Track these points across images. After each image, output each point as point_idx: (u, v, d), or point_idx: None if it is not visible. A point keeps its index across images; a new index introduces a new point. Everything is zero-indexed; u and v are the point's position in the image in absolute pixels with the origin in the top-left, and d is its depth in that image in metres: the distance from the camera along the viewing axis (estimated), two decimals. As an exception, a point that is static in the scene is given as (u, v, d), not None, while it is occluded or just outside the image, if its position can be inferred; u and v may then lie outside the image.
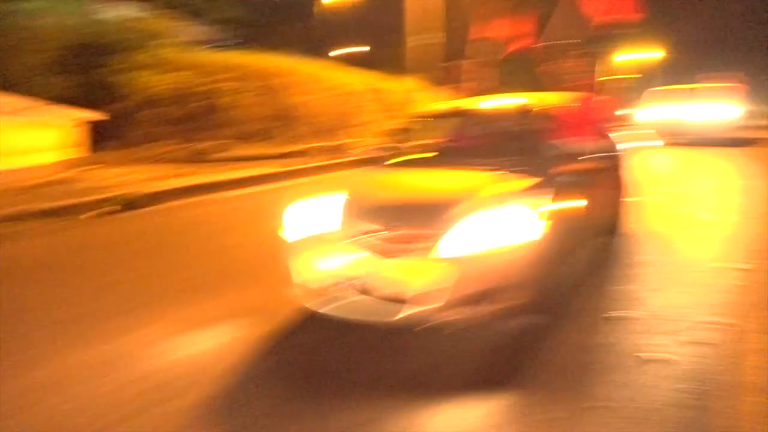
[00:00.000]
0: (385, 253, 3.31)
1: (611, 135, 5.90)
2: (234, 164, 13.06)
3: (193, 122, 14.76)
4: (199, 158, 13.65)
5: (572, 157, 4.20)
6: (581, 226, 4.38)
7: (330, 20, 35.04)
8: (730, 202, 8.17)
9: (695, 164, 13.10)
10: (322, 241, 3.61)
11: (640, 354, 3.37)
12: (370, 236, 3.39)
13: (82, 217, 7.76)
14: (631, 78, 45.70)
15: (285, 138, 16.47)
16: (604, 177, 5.14)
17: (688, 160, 13.75)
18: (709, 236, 6.18)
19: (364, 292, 3.29)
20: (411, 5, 14.79)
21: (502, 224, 3.30)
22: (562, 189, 3.91)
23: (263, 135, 16.10)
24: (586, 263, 4.70)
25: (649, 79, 46.21)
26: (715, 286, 4.56)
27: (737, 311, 4.01)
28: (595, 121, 4.48)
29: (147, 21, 14.22)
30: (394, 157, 4.83)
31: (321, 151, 14.08)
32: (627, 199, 5.98)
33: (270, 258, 4.28)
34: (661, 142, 6.36)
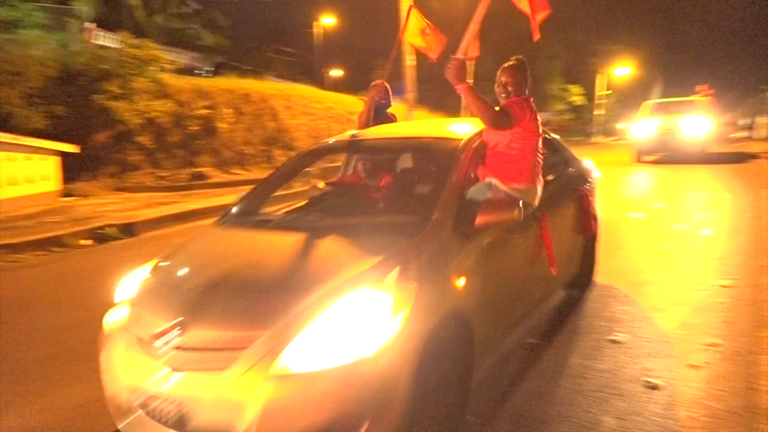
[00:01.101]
0: (197, 365, 2.26)
1: (576, 163, 4.79)
2: (219, 191, 12.89)
3: (182, 149, 14.64)
4: (186, 185, 13.47)
5: (493, 205, 2.96)
6: (514, 296, 3.39)
7: (324, 45, 35.38)
8: (713, 216, 8.10)
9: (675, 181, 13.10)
10: (128, 334, 2.57)
11: (647, 378, 3.21)
12: (177, 336, 2.32)
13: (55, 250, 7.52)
14: (611, 95, 46.57)
15: (274, 162, 16.38)
16: (555, 220, 3.87)
17: (666, 179, 13.77)
18: (705, 252, 6.08)
19: (179, 421, 2.25)
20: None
21: (358, 322, 2.25)
22: (469, 255, 2.83)
23: (252, 160, 15.99)
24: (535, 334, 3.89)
25: (626, 97, 47.31)
26: (719, 305, 4.43)
27: (745, 332, 3.87)
28: (528, 151, 3.32)
29: (132, 50, 14.14)
30: (250, 210, 3.62)
31: (309, 175, 13.94)
32: (598, 235, 4.90)
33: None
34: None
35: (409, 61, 14.40)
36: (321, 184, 4.27)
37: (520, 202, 2.99)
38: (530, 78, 3.48)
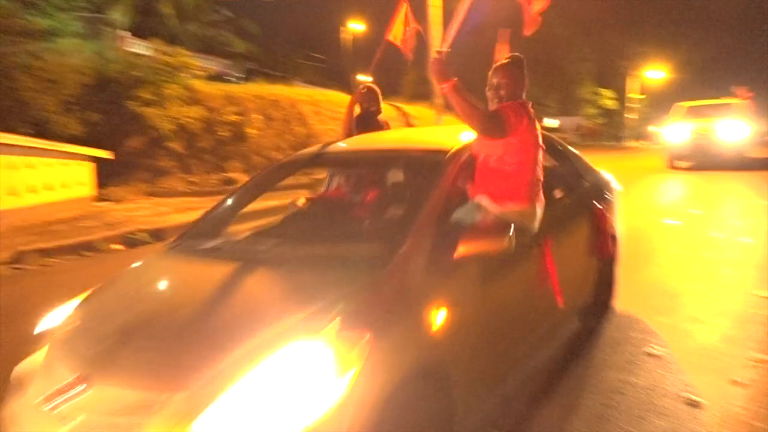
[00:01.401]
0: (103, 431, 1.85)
1: (592, 175, 4.24)
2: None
3: (212, 154, 14.81)
4: (216, 191, 13.60)
5: (478, 232, 2.51)
6: (509, 337, 2.89)
7: (350, 50, 35.56)
8: (752, 224, 7.82)
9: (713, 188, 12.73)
10: (33, 389, 2.14)
11: (687, 395, 3.07)
12: (80, 394, 1.94)
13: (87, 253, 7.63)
14: (638, 98, 45.70)
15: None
16: (563, 242, 3.36)
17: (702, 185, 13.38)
18: (744, 261, 5.85)
19: None
20: (434, 30, 14.65)
21: (292, 385, 1.83)
22: (448, 293, 2.39)
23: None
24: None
25: (658, 99, 46.34)
26: (762, 317, 4.24)
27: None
28: (524, 166, 2.83)
29: (164, 57, 14.41)
30: (211, 231, 3.17)
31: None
32: (617, 256, 4.29)
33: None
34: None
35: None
36: (301, 200, 3.86)
37: (512, 228, 2.48)
38: (527, 79, 2.99)
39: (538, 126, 2.91)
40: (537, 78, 38.36)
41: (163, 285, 2.75)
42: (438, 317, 2.26)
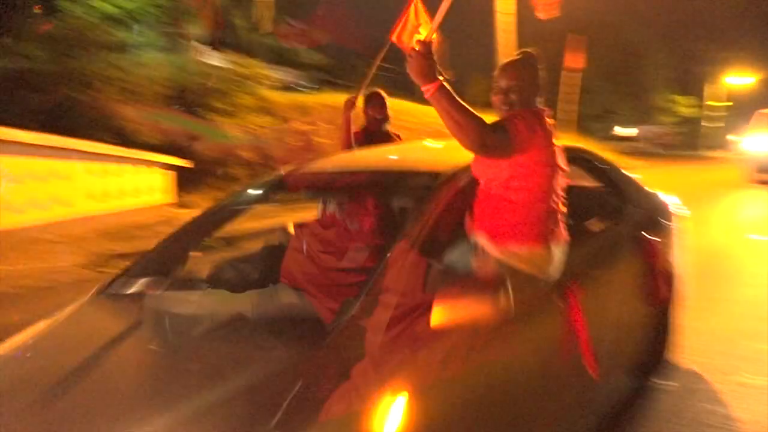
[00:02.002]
0: None
1: (644, 200, 3.45)
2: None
3: (282, 163, 15.13)
4: (286, 199, 13.89)
5: (460, 289, 1.78)
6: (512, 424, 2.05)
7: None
8: None
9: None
10: None
11: (787, 432, 2.82)
12: None
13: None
14: (721, 106, 43.46)
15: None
16: (599, 289, 2.63)
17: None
18: None
19: None
20: (502, 39, 14.45)
21: None
22: (410, 377, 1.63)
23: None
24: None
25: (741, 107, 43.87)
26: None
27: None
28: (536, 194, 2.09)
29: (238, 68, 14.94)
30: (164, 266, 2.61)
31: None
32: (673, 299, 3.51)
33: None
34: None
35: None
36: (291, 226, 3.14)
37: (506, 285, 1.85)
38: (542, 81, 2.25)
39: (556, 141, 2.18)
40: (609, 85, 37.23)
41: (48, 345, 2.09)
42: (395, 412, 1.52)
